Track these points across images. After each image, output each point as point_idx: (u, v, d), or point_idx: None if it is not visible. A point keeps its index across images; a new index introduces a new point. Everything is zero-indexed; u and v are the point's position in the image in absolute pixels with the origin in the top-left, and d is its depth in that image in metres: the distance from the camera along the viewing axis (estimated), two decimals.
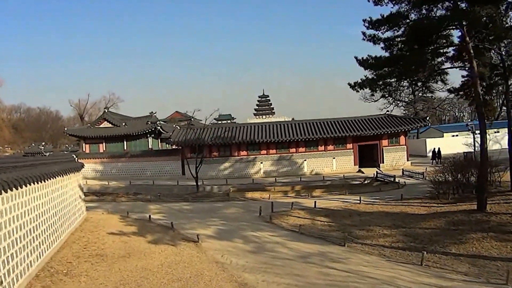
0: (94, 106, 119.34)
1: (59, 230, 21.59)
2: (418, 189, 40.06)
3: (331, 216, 30.33)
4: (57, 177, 21.07)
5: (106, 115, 68.94)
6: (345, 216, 30.18)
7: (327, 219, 29.51)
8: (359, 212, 31.34)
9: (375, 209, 32.29)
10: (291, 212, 31.97)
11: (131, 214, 31.93)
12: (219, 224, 28.24)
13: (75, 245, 22.00)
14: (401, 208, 32.10)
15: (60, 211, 22.18)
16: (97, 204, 38.62)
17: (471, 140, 67.24)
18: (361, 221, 28.10)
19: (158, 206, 37.45)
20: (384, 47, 30.30)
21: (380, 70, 30.54)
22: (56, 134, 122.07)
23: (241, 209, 34.72)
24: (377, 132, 54.63)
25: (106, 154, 61.27)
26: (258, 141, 54.81)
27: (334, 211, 32.30)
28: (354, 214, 30.84)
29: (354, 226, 26.93)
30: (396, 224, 26.68)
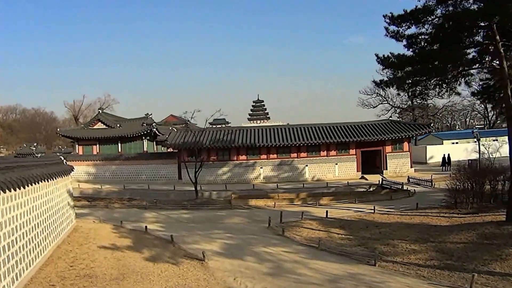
0: (89, 108, 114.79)
1: (43, 244, 17.60)
2: (430, 198, 37.26)
3: (347, 227, 26.96)
4: (39, 182, 17.01)
5: (100, 116, 64.60)
6: (362, 227, 26.81)
7: (343, 231, 26.10)
8: (376, 223, 28.03)
9: (392, 220, 29.13)
10: (302, 223, 28.41)
11: (125, 223, 27.90)
12: (225, 237, 24.21)
13: (61, 261, 17.97)
14: (420, 218, 29.13)
15: (44, 221, 18.17)
16: (89, 211, 34.56)
17: (476, 147, 65.48)
18: (381, 234, 24.83)
19: (154, 214, 33.32)
20: (407, 44, 26.89)
21: (401, 69, 27.34)
22: (50, 136, 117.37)
23: (246, 218, 30.86)
24: (380, 138, 51.18)
25: (100, 156, 56.88)
26: (259, 145, 50.93)
27: (349, 222, 28.93)
28: (371, 225, 27.47)
29: (376, 240, 23.57)
30: (422, 237, 23.46)
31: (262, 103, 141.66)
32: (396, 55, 26.84)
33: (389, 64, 27.20)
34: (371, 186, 45.73)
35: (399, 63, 26.79)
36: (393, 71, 27.66)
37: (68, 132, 66.20)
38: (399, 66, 27.25)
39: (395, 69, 27.53)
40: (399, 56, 26.76)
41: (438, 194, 38.74)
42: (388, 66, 27.59)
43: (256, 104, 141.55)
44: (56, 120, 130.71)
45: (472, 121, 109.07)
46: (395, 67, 27.36)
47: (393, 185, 43.29)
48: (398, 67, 27.36)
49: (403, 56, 26.72)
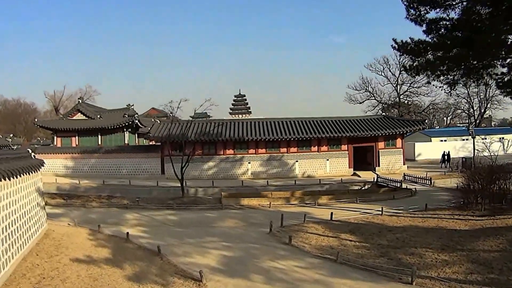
0: (70, 99, 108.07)
1: (3, 258, 13.38)
2: (435, 197, 33.97)
3: (357, 232, 22.99)
4: None
5: (80, 106, 58.78)
6: (374, 232, 22.91)
7: (355, 237, 22.08)
8: (388, 227, 24.21)
9: (404, 223, 25.42)
10: (305, 227, 24.25)
11: (103, 226, 23.17)
12: (222, 247, 19.71)
13: (25, 281, 13.71)
14: (434, 221, 25.56)
15: (5, 230, 13.91)
16: (64, 211, 29.73)
17: (465, 144, 62.86)
18: (399, 240, 21.15)
19: (136, 215, 28.44)
20: (426, 30, 23.24)
21: (420, 56, 23.81)
22: (31, 127, 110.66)
23: (240, 221, 26.44)
24: (373, 133, 47.37)
25: (78, 149, 51.33)
26: (247, 139, 46.45)
27: (358, 225, 24.94)
28: (383, 229, 23.63)
29: (396, 248, 19.83)
30: (447, 244, 20.04)
31: (244, 98, 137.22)
32: (416, 41, 23.23)
33: (408, 50, 23.48)
34: (366, 183, 41.96)
35: (419, 49, 23.14)
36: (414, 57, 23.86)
37: (46, 123, 60.43)
38: (417, 53, 23.61)
39: (415, 56, 24.00)
40: (419, 42, 23.04)
41: (442, 194, 36.20)
42: (405, 52, 23.90)
43: (238, 99, 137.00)
44: (37, 111, 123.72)
45: (454, 120, 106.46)
46: (414, 53, 23.68)
47: (390, 183, 39.70)
48: (416, 54, 23.72)
49: (424, 42, 22.96)
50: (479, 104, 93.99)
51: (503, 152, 60.03)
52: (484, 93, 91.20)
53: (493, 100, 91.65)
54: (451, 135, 70.44)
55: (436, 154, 60.71)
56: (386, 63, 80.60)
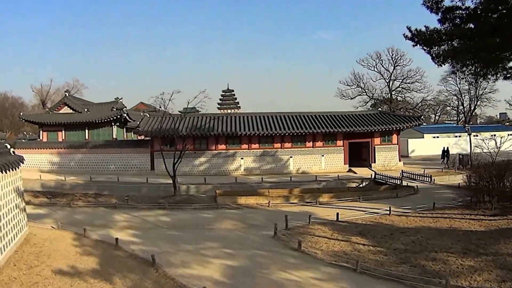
0: (57, 92, 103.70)
1: None
2: (439, 195, 32.15)
3: (368, 235, 20.97)
4: None
5: (66, 99, 55.38)
6: (386, 235, 20.95)
7: (367, 240, 20.03)
8: (400, 229, 22.29)
9: (415, 224, 23.60)
10: (311, 229, 22.01)
11: (90, 229, 20.59)
12: (224, 255, 17.24)
13: None
14: (446, 222, 23.84)
15: None
16: (47, 211, 27.00)
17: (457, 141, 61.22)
18: (415, 244, 19.27)
19: (126, 215, 25.77)
20: (442, 18, 21.66)
21: (436, 45, 22.11)
22: (17, 122, 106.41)
23: (239, 222, 24.03)
24: (369, 129, 45.20)
25: (65, 143, 48.11)
26: (240, 134, 43.91)
27: (367, 226, 22.87)
28: (395, 231, 21.67)
29: (414, 252, 17.91)
30: (468, 248, 18.44)
31: (232, 92, 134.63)
32: (432, 30, 21.04)
33: (424, 40, 21.41)
34: (363, 180, 39.68)
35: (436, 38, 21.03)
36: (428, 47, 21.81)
37: (32, 117, 57.03)
38: (431, 42, 21.62)
39: (430, 45, 22.02)
40: (435, 31, 20.90)
41: (445, 191, 34.66)
42: (419, 42, 21.81)
43: (226, 94, 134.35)
44: (24, 105, 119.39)
45: (441, 117, 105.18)
46: (430, 43, 21.71)
47: (389, 180, 37.70)
48: (430, 43, 21.72)
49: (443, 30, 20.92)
50: (470, 101, 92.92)
51: (496, 149, 58.46)
52: (474, 90, 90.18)
53: (483, 98, 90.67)
54: (443, 131, 68.97)
55: (429, 151, 59.46)
56: (378, 58, 78.86)
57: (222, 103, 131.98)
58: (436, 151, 60.13)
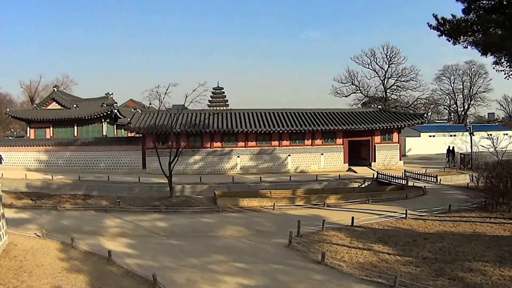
0: (46, 89, 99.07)
1: None
2: (448, 196, 30.42)
3: (390, 242, 18.87)
4: None
5: (55, 94, 51.93)
6: (409, 241, 18.97)
7: (390, 248, 17.90)
8: (421, 234, 20.41)
9: (435, 228, 21.74)
10: (326, 236, 19.72)
11: (78, 238, 17.91)
12: (237, 271, 14.64)
13: None
14: (467, 226, 22.12)
15: None
16: (31, 215, 24.08)
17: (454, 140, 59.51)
18: (443, 252, 17.40)
19: (118, 220, 22.96)
20: (467, 8, 20.04)
21: (465, 35, 20.19)
22: (5, 118, 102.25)
23: (245, 228, 21.47)
24: (370, 127, 42.96)
25: (52, 141, 44.88)
26: (236, 131, 41.31)
27: (385, 232, 20.77)
28: (417, 237, 19.74)
29: (446, 262, 15.97)
30: (500, 256, 16.61)
31: (222, 90, 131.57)
32: (460, 19, 18.88)
33: (450, 29, 19.20)
34: (365, 180, 37.33)
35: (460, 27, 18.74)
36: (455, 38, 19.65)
37: (19, 113, 53.47)
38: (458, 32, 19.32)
39: (458, 35, 19.83)
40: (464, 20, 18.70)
41: (454, 192, 32.83)
42: (445, 31, 19.63)
43: (216, 91, 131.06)
44: (13, 102, 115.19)
45: (433, 117, 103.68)
46: (452, 33, 19.52)
47: (393, 180, 35.52)
48: (457, 33, 19.45)
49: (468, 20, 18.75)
50: (463, 100, 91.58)
51: (493, 148, 57.12)
52: (468, 89, 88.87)
53: (476, 97, 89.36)
54: (439, 130, 67.36)
55: (426, 150, 57.92)
56: (373, 55, 76.63)
57: (212, 101, 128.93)
58: (432, 150, 58.56)
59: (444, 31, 19.93)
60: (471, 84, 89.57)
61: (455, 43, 21.23)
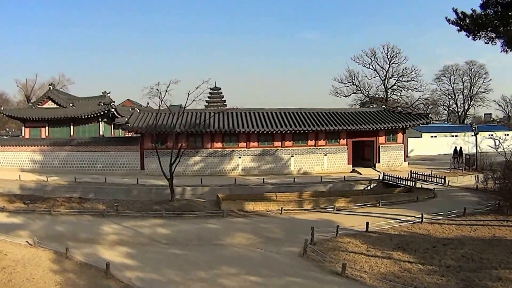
0: (43, 88, 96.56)
1: None
2: (459, 199, 29.23)
3: (409, 249, 17.60)
4: None
5: (50, 93, 49.98)
6: (428, 248, 17.75)
7: (410, 256, 16.67)
8: (440, 240, 19.23)
9: (453, 233, 20.55)
10: (341, 243, 18.36)
11: (73, 246, 16.45)
12: (250, 285, 13.34)
13: None
14: (485, 230, 20.94)
15: None
16: (23, 220, 22.44)
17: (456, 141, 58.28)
18: (466, 259, 16.34)
19: (116, 226, 21.28)
20: (485, 2, 18.79)
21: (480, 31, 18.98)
22: (1, 118, 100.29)
23: (253, 235, 19.89)
24: (374, 127, 41.47)
25: (48, 140, 42.88)
26: (238, 131, 39.70)
27: (402, 238, 19.42)
28: (436, 243, 18.53)
29: (472, 270, 14.88)
30: None
31: (220, 90, 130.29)
32: (480, 14, 17.70)
33: (472, 23, 17.93)
34: (371, 182, 35.88)
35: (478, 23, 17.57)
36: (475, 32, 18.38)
37: (14, 112, 51.55)
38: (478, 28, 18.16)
39: (477, 29, 18.70)
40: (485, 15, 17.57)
41: (464, 194, 31.53)
42: (466, 27, 18.43)
43: (213, 91, 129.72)
44: (9, 101, 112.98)
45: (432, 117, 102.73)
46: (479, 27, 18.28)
47: (400, 182, 33.94)
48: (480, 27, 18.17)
49: None
50: (463, 101, 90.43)
51: (495, 148, 56.07)
52: (468, 90, 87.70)
53: (476, 98, 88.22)
54: (441, 131, 65.98)
55: (428, 150, 56.62)
56: (373, 55, 75.11)
57: (209, 101, 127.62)
58: (434, 150, 57.18)
59: (463, 26, 18.64)
60: (471, 85, 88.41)
61: (474, 39, 20.06)
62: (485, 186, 33.30)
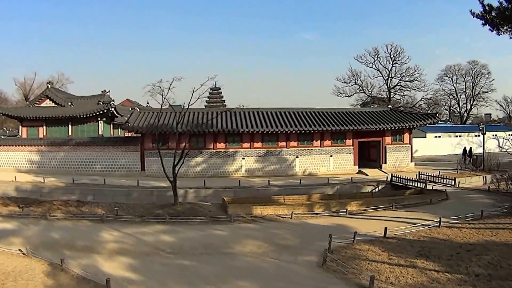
0: (41, 87, 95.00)
1: None
2: (473, 201, 28.02)
3: (432, 255, 16.22)
4: None
5: (48, 91, 48.27)
6: (452, 254, 16.36)
7: (434, 263, 15.33)
8: (462, 245, 17.79)
9: (474, 238, 19.13)
10: (360, 251, 16.84)
11: (70, 255, 14.88)
12: None
13: None
14: (506, 234, 19.70)
15: None
16: (17, 225, 20.84)
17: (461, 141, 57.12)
18: (494, 266, 15.04)
19: (116, 233, 19.64)
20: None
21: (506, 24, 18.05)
22: (0, 117, 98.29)
23: (265, 243, 18.28)
24: (381, 127, 40.02)
25: (45, 140, 41.11)
26: (241, 131, 38.20)
27: (423, 244, 17.95)
28: (459, 249, 17.15)
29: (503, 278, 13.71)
30: None
31: (219, 90, 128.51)
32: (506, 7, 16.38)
33: (498, 17, 16.66)
34: (379, 183, 34.41)
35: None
36: None
37: (11, 111, 49.77)
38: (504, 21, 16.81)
39: (501, 24, 17.66)
40: None
41: (477, 196, 30.00)
42: (492, 21, 17.15)
43: (213, 91, 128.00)
44: (7, 100, 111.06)
45: None
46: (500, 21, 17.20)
47: (409, 184, 32.43)
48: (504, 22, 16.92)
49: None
50: (466, 101, 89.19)
51: (499, 149, 55.00)
52: (471, 90, 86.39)
53: (479, 98, 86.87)
54: (445, 131, 64.79)
55: (432, 151, 55.40)
56: (376, 55, 73.72)
57: (209, 101, 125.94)
58: (438, 151, 55.97)
59: (488, 19, 17.33)
60: (474, 84, 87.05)
61: (499, 33, 18.96)
62: (497, 187, 32.06)
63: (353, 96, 78.01)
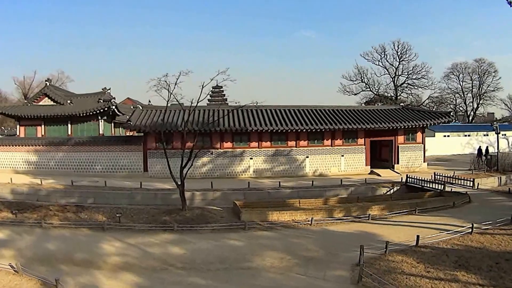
0: (41, 85, 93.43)
1: None
2: (496, 204, 26.46)
3: (471, 267, 14.53)
4: None
5: (47, 89, 46.08)
6: (492, 265, 14.65)
7: (476, 276, 13.65)
8: (500, 254, 16.18)
9: (510, 246, 17.18)
10: (394, 263, 14.88)
11: (66, 271, 12.81)
12: None
13: None
14: None
15: None
16: (9, 234, 18.65)
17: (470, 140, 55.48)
18: None
19: (119, 244, 17.40)
20: None
21: None
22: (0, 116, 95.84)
23: (286, 254, 16.11)
24: (394, 125, 37.96)
25: (43, 140, 38.85)
26: (250, 130, 35.97)
27: (459, 253, 16.06)
28: (498, 258, 15.46)
29: None
30: None
31: (221, 89, 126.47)
32: None
33: None
34: (394, 185, 32.30)
35: None
36: None
37: (7, 109, 47.52)
38: None
39: None
40: None
41: (500, 199, 28.20)
42: None
43: (215, 90, 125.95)
44: (7, 99, 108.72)
45: None
46: None
47: (426, 185, 30.43)
48: None
49: None
50: (472, 99, 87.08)
51: (508, 148, 53.19)
52: (477, 88, 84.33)
53: (485, 96, 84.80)
54: (454, 130, 62.73)
55: (441, 150, 53.49)
56: (383, 52, 71.66)
57: (211, 100, 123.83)
58: (448, 151, 54.08)
59: None
60: (480, 83, 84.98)
61: None
62: None
63: (359, 95, 76.23)
